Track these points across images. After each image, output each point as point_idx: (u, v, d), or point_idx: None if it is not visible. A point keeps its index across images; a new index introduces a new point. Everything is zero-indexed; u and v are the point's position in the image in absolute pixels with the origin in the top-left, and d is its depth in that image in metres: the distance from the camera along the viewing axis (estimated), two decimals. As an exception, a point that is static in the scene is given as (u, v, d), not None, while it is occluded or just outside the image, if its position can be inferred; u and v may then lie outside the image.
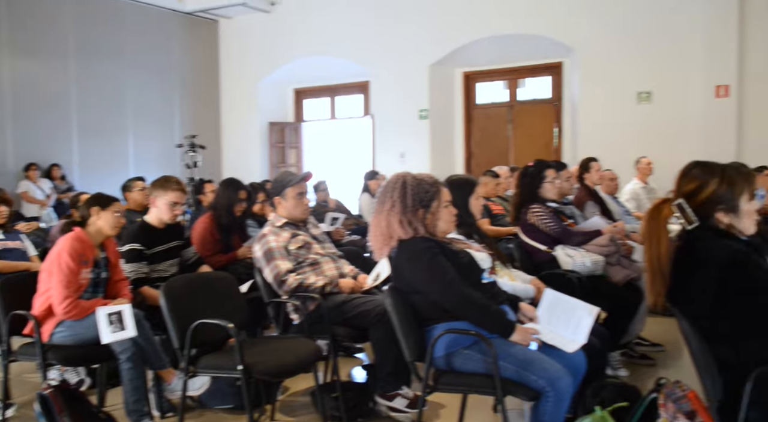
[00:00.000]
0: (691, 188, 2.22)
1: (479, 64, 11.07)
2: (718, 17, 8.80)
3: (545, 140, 10.67)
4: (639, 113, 9.34)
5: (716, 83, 8.78)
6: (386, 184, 2.94)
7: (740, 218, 2.18)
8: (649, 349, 4.47)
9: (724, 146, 8.43)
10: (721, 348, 2.13)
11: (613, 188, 6.05)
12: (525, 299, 3.22)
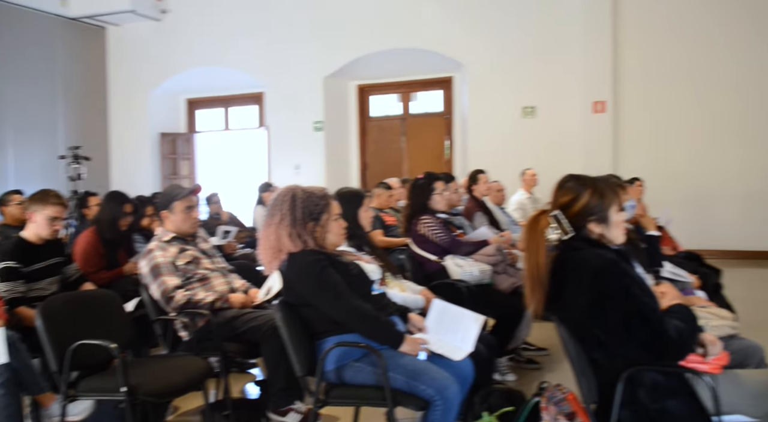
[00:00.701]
0: (566, 200, 2.31)
1: (373, 77, 11.19)
2: (594, 37, 9.34)
3: (437, 152, 10.90)
4: (524, 127, 9.74)
5: (594, 99, 9.30)
6: (275, 197, 2.90)
7: (610, 228, 2.29)
8: (535, 354, 4.63)
9: (602, 159, 8.93)
10: (594, 351, 2.22)
11: (500, 198, 6.25)
12: (415, 310, 3.26)
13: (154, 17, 11.57)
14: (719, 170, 9.13)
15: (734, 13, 8.99)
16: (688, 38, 9.16)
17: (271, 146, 11.57)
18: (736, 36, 9.00)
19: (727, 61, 9.06)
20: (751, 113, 9.00)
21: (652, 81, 9.32)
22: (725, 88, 9.08)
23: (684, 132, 9.24)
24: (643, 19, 9.30)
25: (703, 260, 5.11)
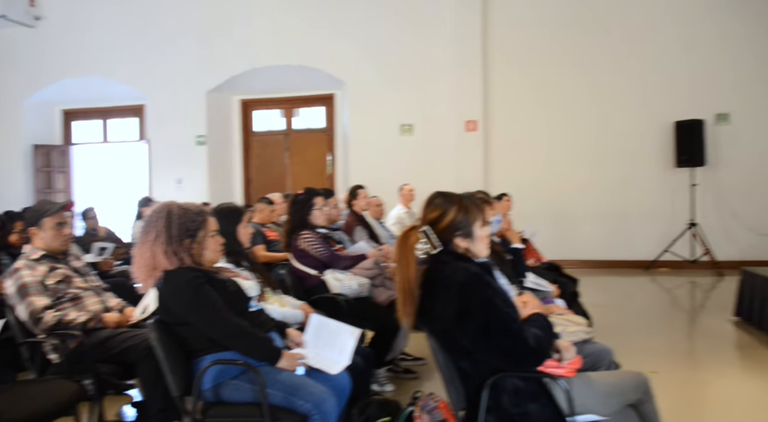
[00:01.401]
0: (434, 216, 2.37)
1: (256, 92, 11.06)
2: (466, 60, 9.73)
3: (320, 168, 10.90)
4: (402, 144, 9.94)
5: (466, 119, 9.65)
6: (150, 214, 2.79)
7: (475, 243, 2.37)
8: (413, 363, 4.69)
9: (473, 175, 9.25)
10: (462, 360, 2.29)
11: (379, 213, 6.32)
12: (294, 325, 3.22)
13: (27, 23, 10.87)
14: (578, 186, 9.69)
15: (589, 39, 9.60)
16: (552, 62, 9.69)
17: (152, 159, 11.14)
18: (593, 61, 9.61)
19: (582, 86, 9.66)
20: (603, 134, 9.63)
21: (519, 102, 9.78)
22: (582, 110, 9.68)
23: (547, 151, 9.74)
24: (509, 44, 9.75)
25: (562, 270, 5.39)
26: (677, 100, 9.39)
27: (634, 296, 7.96)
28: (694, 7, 9.36)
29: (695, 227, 9.22)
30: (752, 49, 9.25)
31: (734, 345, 5.61)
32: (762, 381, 4.45)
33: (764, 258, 8.93)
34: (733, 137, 9.38)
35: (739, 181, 9.34)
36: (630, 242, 9.58)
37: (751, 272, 6.05)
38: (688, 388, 4.38)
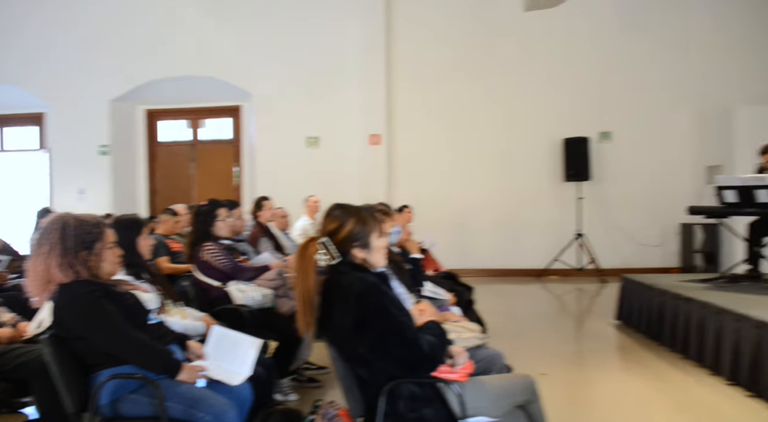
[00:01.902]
0: (333, 228, 2.39)
1: (162, 102, 10.73)
2: (370, 74, 9.87)
3: (226, 179, 10.70)
4: (308, 156, 9.93)
5: (370, 132, 9.75)
6: (45, 226, 2.65)
7: (372, 254, 2.40)
8: (317, 372, 4.67)
9: (377, 187, 9.36)
10: (360, 368, 2.30)
11: (285, 224, 6.27)
12: (196, 337, 3.14)
13: None
14: (476, 198, 9.99)
15: (489, 58, 9.94)
16: (453, 78, 9.95)
17: (53, 169, 10.59)
18: (491, 80, 9.95)
19: (481, 103, 9.97)
20: (499, 150, 9.98)
21: (421, 116, 9.99)
22: (480, 126, 9.99)
23: (447, 164, 9.99)
24: (413, 59, 9.95)
25: (459, 279, 5.51)
26: (565, 119, 9.86)
27: (527, 302, 8.25)
28: (578, 35, 9.87)
29: (582, 238, 9.69)
30: (631, 73, 9.85)
31: (616, 346, 5.91)
32: (640, 379, 4.71)
33: (643, 266, 9.48)
34: (614, 154, 9.94)
35: (621, 194, 9.90)
36: (523, 251, 9.95)
37: (630, 278, 6.41)
38: (575, 388, 4.59)
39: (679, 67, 9.81)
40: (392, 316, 2.25)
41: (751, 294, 5.24)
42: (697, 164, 9.80)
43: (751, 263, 6.17)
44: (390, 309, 2.26)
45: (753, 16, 9.70)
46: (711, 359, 4.66)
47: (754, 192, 5.62)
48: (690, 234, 9.51)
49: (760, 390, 4.03)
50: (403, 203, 8.11)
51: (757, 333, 4.10)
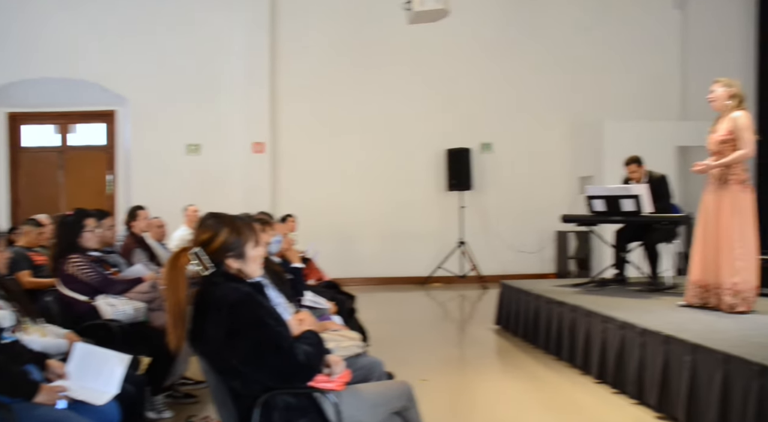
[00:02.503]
0: (206, 238, 2.33)
1: (26, 105, 10.03)
2: (254, 81, 9.71)
3: (99, 187, 10.15)
4: (189, 164, 9.63)
5: (254, 140, 9.60)
6: None
7: (247, 264, 2.36)
8: (194, 387, 4.52)
9: (261, 196, 9.22)
10: (233, 381, 2.25)
11: (161, 234, 6.04)
12: (57, 355, 2.96)
13: None
14: (361, 207, 10.06)
15: (375, 69, 10.07)
16: (339, 88, 10.00)
17: None
18: (376, 90, 10.08)
19: (366, 113, 10.09)
20: (384, 159, 10.13)
21: (307, 125, 9.94)
22: (366, 136, 10.10)
23: (333, 173, 10.01)
24: (298, 68, 9.91)
25: (341, 288, 5.54)
26: (449, 131, 10.17)
27: (411, 310, 8.41)
28: (461, 49, 10.23)
29: (464, 246, 10.01)
30: (511, 87, 10.32)
31: (495, 351, 6.14)
32: (517, 381, 4.92)
33: (522, 272, 9.92)
34: (495, 165, 10.37)
35: (500, 203, 10.33)
36: (407, 259, 10.13)
37: (509, 284, 6.70)
38: (455, 393, 4.72)
39: (555, 83, 10.39)
40: (267, 326, 2.22)
41: (617, 297, 5.63)
42: (571, 174, 10.41)
43: (618, 268, 6.62)
44: (265, 320, 2.23)
45: (622, 40, 10.45)
46: (581, 359, 4.94)
47: (620, 201, 6.04)
48: (565, 241, 10.08)
49: (623, 386, 4.32)
50: (287, 212, 8.07)
51: (621, 334, 4.40)
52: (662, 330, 3.99)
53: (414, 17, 7.28)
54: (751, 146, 4.69)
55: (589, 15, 10.43)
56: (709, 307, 4.84)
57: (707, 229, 4.89)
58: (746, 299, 4.70)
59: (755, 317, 4.62)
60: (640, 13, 10.53)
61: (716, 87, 4.92)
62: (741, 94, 4.86)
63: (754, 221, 4.78)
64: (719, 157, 4.82)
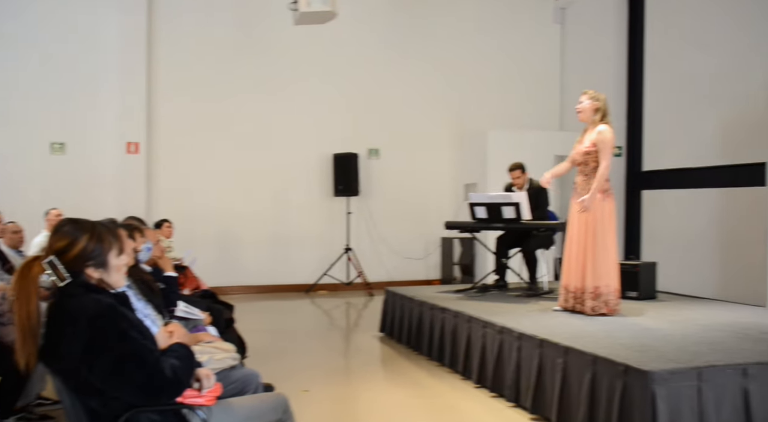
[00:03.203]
0: (62, 245, 2.20)
1: None
2: (130, 79, 9.28)
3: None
4: (52, 164, 9.05)
5: (128, 140, 9.17)
6: None
7: (110, 273, 2.25)
8: (51, 408, 4.25)
9: (135, 200, 8.84)
10: (91, 399, 2.13)
11: (18, 241, 5.64)
12: None
13: None
14: (244, 212, 9.87)
15: (258, 70, 9.93)
16: (221, 90, 9.74)
17: None
18: (261, 92, 9.93)
19: (250, 116, 9.92)
20: (270, 163, 9.99)
21: (186, 127, 9.62)
22: (251, 140, 9.91)
23: (214, 177, 9.75)
24: (177, 67, 9.59)
25: (218, 297, 5.41)
26: (336, 135, 10.20)
27: (295, 318, 8.34)
28: (349, 52, 10.30)
29: (350, 252, 10.06)
30: (399, 93, 10.50)
31: (379, 359, 6.20)
32: (400, 389, 4.99)
33: (408, 278, 10.12)
34: (382, 170, 10.50)
35: (387, 209, 10.47)
36: (293, 266, 10.06)
37: (393, 291, 6.79)
38: (338, 403, 4.72)
39: (441, 92, 10.68)
40: (131, 340, 2.12)
41: (497, 302, 5.85)
42: (456, 181, 10.72)
43: (498, 274, 6.89)
44: (128, 333, 2.13)
45: (506, 52, 10.91)
46: (462, 365, 5.10)
47: (501, 208, 6.29)
48: (450, 248, 10.36)
49: (501, 390, 4.49)
50: (163, 217, 7.79)
51: (500, 338, 4.57)
52: (537, 333, 4.19)
53: (300, 18, 7.26)
54: (609, 161, 5.10)
55: (475, 27, 10.81)
56: (577, 311, 5.16)
57: (572, 236, 5.24)
58: (607, 302, 5.06)
59: (622, 319, 4.95)
60: (523, 26, 11.05)
61: (584, 98, 5.28)
62: (605, 108, 5.26)
63: (615, 228, 5.16)
64: (584, 167, 5.23)
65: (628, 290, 6.03)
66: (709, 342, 4.01)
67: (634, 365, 3.31)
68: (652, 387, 3.16)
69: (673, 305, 5.80)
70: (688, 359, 3.50)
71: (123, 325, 2.14)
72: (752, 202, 7.60)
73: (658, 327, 4.68)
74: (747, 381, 3.37)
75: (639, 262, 6.20)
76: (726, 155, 8.33)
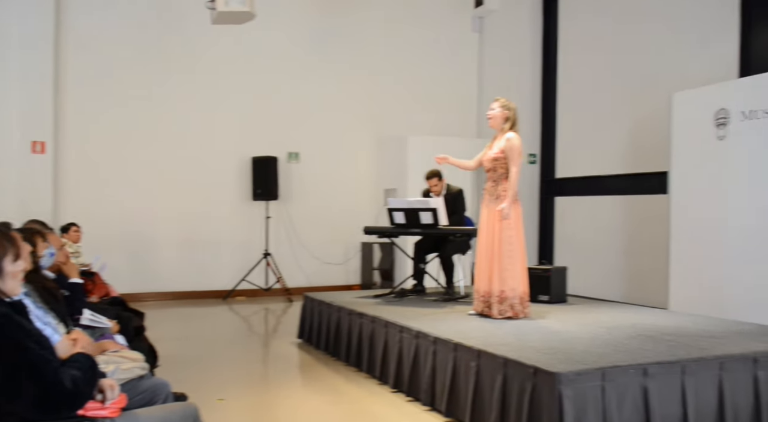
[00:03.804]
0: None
1: None
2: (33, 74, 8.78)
3: None
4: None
5: (33, 139, 8.74)
6: None
7: (5, 280, 2.15)
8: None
9: (40, 202, 8.43)
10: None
11: None
12: None
13: None
14: (159, 216, 9.60)
15: (176, 71, 9.70)
16: (134, 86, 9.43)
17: None
18: (176, 94, 9.70)
19: (165, 117, 9.67)
20: (186, 165, 9.76)
21: (95, 125, 9.26)
22: (165, 140, 9.66)
23: (127, 179, 9.44)
24: (87, 62, 9.22)
25: (127, 304, 5.24)
26: (255, 138, 10.08)
27: (212, 325, 8.18)
28: (268, 53, 10.21)
29: (269, 257, 9.95)
30: (319, 96, 10.48)
31: (297, 365, 6.16)
32: (318, 395, 4.98)
33: (328, 284, 10.10)
34: (302, 174, 10.45)
35: (307, 214, 10.43)
36: (210, 272, 9.86)
37: (311, 297, 6.76)
38: (254, 411, 4.65)
39: (362, 97, 10.73)
40: (27, 350, 2.03)
41: (415, 307, 5.92)
42: (377, 186, 10.79)
43: (416, 279, 6.97)
44: (25, 343, 2.04)
45: (426, 59, 11.08)
46: (379, 370, 5.13)
47: (419, 214, 6.38)
48: (370, 252, 10.41)
49: (417, 394, 4.55)
50: (71, 221, 7.49)
51: (416, 342, 4.63)
52: (452, 337, 4.27)
53: (217, 17, 7.14)
54: (519, 167, 5.28)
55: (396, 33, 10.93)
56: (485, 314, 5.31)
57: (482, 241, 5.40)
58: (513, 306, 5.24)
59: (533, 322, 5.12)
60: (443, 33, 11.25)
61: (495, 105, 5.45)
62: (515, 118, 5.45)
63: (522, 233, 5.33)
64: (492, 173, 5.43)
65: (540, 294, 6.24)
66: (614, 344, 4.19)
67: (543, 367, 3.43)
68: (559, 387, 3.28)
69: (582, 309, 6.03)
70: (593, 360, 3.64)
71: (18, 335, 2.05)
72: (656, 209, 8.00)
73: (566, 329, 4.86)
74: (647, 380, 3.54)
75: (550, 267, 6.41)
76: (632, 164, 8.75)
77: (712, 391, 3.72)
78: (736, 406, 3.77)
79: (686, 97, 7.05)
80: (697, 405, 3.64)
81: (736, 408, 3.77)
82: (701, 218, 6.76)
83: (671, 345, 4.12)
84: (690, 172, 6.92)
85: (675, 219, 7.05)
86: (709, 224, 6.67)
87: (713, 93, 6.76)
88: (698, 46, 7.95)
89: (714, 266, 6.60)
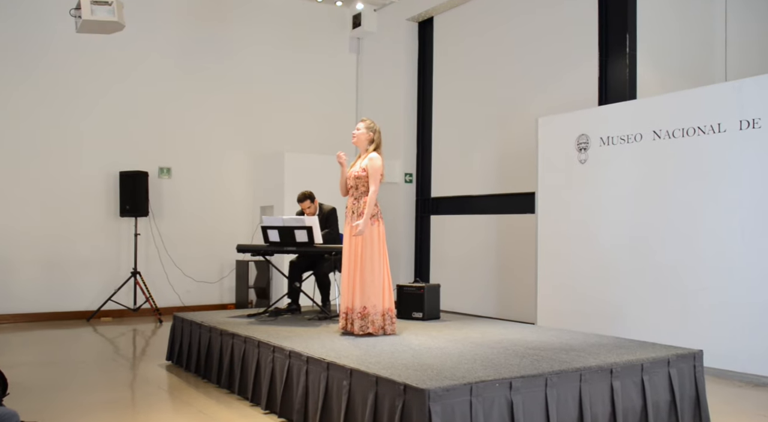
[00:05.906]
0: None
1: None
2: None
3: None
4: None
5: None
6: None
7: None
8: None
9: None
10: None
11: None
12: None
13: None
14: (16, 233, 9.01)
15: (40, 77, 9.14)
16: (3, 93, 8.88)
17: None
18: (54, 102, 9.14)
19: (22, 125, 9.09)
20: (46, 180, 9.22)
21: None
22: (25, 155, 9.09)
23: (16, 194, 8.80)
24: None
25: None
26: (123, 152, 9.67)
27: (73, 349, 7.70)
28: (139, 66, 9.87)
29: (138, 276, 9.53)
30: (192, 111, 10.22)
31: (165, 389, 5.91)
32: (187, 418, 4.78)
33: (202, 303, 9.82)
34: (174, 190, 10.12)
35: (179, 231, 10.11)
36: (72, 292, 9.33)
37: (181, 317, 6.54)
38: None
39: (239, 113, 10.63)
40: None
41: (289, 326, 5.87)
42: (253, 203, 10.63)
43: (291, 298, 6.92)
44: None
45: (306, 77, 11.11)
46: (251, 391, 5.03)
47: (294, 232, 6.35)
48: (245, 271, 10.21)
49: (290, 415, 4.49)
50: None
51: (289, 362, 4.58)
52: (324, 356, 4.26)
53: (83, 26, 6.80)
54: (377, 186, 5.43)
55: (274, 49, 10.91)
56: (348, 331, 5.38)
57: (346, 258, 5.48)
58: (374, 322, 5.35)
59: (405, 339, 5.21)
60: (322, 53, 11.34)
61: (361, 126, 5.59)
62: (379, 140, 5.62)
63: (384, 250, 5.45)
64: (354, 191, 5.55)
65: (414, 311, 6.37)
66: (482, 359, 4.34)
67: (413, 384, 3.49)
68: (429, 403, 3.35)
69: (454, 325, 6.20)
70: (461, 375, 3.75)
71: None
72: (524, 228, 8.41)
73: (438, 345, 4.98)
74: (512, 394, 3.68)
75: (423, 284, 6.56)
76: (503, 184, 9.16)
77: (573, 402, 3.93)
78: (594, 416, 4.00)
79: (550, 122, 7.49)
80: (559, 416, 3.83)
81: (595, 418, 4.00)
82: (566, 237, 7.17)
83: (535, 359, 4.32)
84: (555, 193, 7.34)
85: (542, 238, 7.44)
86: (573, 243, 7.10)
87: (575, 119, 7.23)
88: (563, 72, 8.48)
89: (577, 282, 7.02)
